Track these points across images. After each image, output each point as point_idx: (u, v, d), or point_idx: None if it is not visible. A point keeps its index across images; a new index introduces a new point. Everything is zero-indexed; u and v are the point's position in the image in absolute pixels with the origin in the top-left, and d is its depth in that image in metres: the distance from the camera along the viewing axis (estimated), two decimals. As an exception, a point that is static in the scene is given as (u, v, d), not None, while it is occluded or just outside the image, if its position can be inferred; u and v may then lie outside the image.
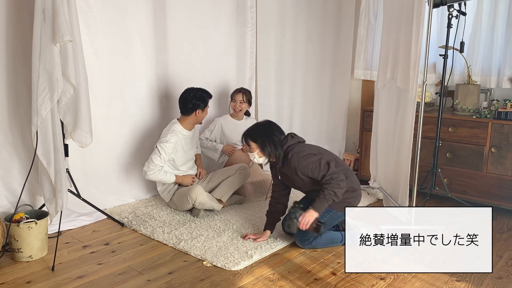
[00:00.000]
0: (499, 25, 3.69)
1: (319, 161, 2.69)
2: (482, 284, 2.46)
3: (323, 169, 2.67)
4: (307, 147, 2.83)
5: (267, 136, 2.78)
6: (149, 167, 3.23)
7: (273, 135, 2.79)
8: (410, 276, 2.52)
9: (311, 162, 2.70)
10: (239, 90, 3.90)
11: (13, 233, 2.63)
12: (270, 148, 2.77)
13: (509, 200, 3.41)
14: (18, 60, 2.89)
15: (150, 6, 3.52)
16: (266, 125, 2.87)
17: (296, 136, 2.88)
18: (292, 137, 2.84)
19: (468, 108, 3.59)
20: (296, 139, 2.84)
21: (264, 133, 2.80)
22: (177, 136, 3.32)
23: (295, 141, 2.82)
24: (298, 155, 2.72)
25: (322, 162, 2.68)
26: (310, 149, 2.80)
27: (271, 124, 2.89)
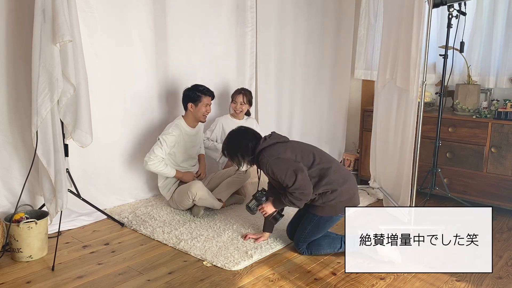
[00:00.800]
0: (498, 25, 3.69)
1: (286, 169, 2.61)
2: (482, 284, 2.46)
3: (288, 179, 2.60)
4: (281, 149, 2.71)
5: (232, 146, 2.78)
6: (150, 157, 3.26)
7: (238, 145, 2.75)
8: (410, 276, 2.52)
9: (279, 169, 2.63)
10: (240, 91, 3.90)
11: (13, 233, 2.63)
12: (237, 157, 2.77)
13: (509, 200, 3.41)
14: (18, 60, 2.89)
15: (150, 6, 3.52)
16: (234, 135, 2.83)
17: (273, 136, 2.80)
18: (265, 139, 2.76)
19: (468, 108, 3.59)
20: (270, 141, 2.75)
21: (229, 145, 2.80)
22: (180, 130, 3.35)
23: (268, 143, 2.74)
24: (268, 159, 2.67)
25: (288, 172, 2.60)
26: (284, 153, 2.69)
27: (239, 132, 2.83)
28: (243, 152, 2.74)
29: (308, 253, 2.77)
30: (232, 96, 3.93)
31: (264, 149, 2.71)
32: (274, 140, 2.77)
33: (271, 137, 2.79)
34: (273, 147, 2.73)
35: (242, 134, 2.81)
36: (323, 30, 4.47)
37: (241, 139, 2.78)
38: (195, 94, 3.39)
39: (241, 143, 2.76)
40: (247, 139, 2.77)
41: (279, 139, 2.79)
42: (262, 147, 2.73)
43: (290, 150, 2.72)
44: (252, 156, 2.75)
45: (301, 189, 2.59)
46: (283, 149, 2.71)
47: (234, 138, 2.81)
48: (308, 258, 2.73)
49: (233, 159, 2.81)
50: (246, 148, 2.74)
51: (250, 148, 2.74)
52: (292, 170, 2.61)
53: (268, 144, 2.74)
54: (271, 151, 2.70)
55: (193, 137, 3.46)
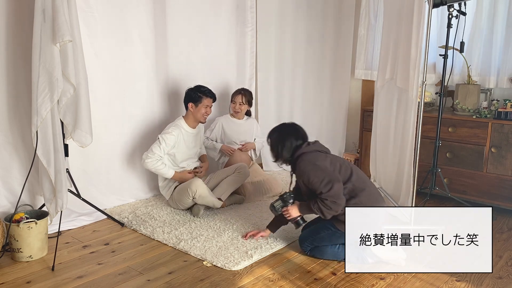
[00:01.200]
0: (499, 25, 3.69)
1: (323, 177, 2.57)
2: (482, 284, 2.46)
3: (323, 187, 2.55)
4: (321, 157, 2.68)
5: (278, 137, 2.77)
6: (148, 155, 3.27)
7: (286, 139, 2.74)
8: (410, 276, 2.52)
9: (315, 175, 2.58)
10: (239, 91, 3.90)
11: (13, 233, 2.63)
12: (277, 150, 2.75)
13: (509, 200, 3.41)
14: (18, 60, 2.89)
15: (150, 6, 3.52)
16: (284, 128, 2.82)
17: (317, 145, 2.77)
18: (308, 144, 2.74)
19: (468, 108, 3.59)
20: (313, 147, 2.73)
21: (276, 135, 2.78)
22: (180, 130, 3.35)
23: (311, 149, 2.71)
24: (307, 164, 2.64)
25: (325, 180, 2.56)
26: (323, 161, 2.66)
27: (290, 127, 2.82)
28: (286, 148, 2.73)
29: (310, 254, 2.76)
30: (232, 96, 3.93)
31: (304, 154, 2.69)
32: (316, 148, 2.75)
33: (315, 144, 2.77)
34: (314, 154, 2.71)
35: (293, 131, 2.79)
36: (323, 30, 4.47)
37: (289, 135, 2.75)
38: (197, 95, 3.40)
39: (288, 139, 2.74)
40: (295, 137, 2.75)
41: (320, 149, 2.77)
42: (303, 151, 2.70)
43: (329, 160, 2.70)
44: (290, 156, 2.74)
45: (335, 198, 2.54)
46: (323, 158, 2.69)
47: (284, 131, 2.79)
48: (308, 258, 2.73)
49: (272, 150, 2.80)
50: (290, 145, 2.73)
51: (293, 147, 2.73)
52: (329, 179, 2.57)
53: (309, 150, 2.71)
54: (311, 157, 2.68)
55: (193, 137, 3.47)
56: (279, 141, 2.75)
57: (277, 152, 2.77)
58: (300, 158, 2.69)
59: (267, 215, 3.36)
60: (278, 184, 3.89)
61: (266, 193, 3.76)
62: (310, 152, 2.71)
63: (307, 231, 2.80)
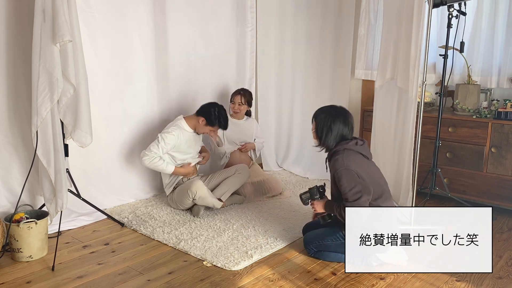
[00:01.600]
0: (499, 25, 3.69)
1: (354, 185, 2.48)
2: (482, 284, 2.46)
3: (351, 195, 2.48)
4: (363, 165, 2.55)
5: (327, 119, 2.58)
6: (145, 153, 3.27)
7: (334, 124, 2.56)
8: (410, 276, 2.52)
9: (347, 180, 2.48)
10: (238, 92, 3.90)
11: (13, 233, 2.63)
12: (322, 132, 2.59)
13: (509, 200, 3.41)
14: (18, 60, 2.89)
15: (150, 6, 3.52)
16: (334, 111, 2.61)
17: (364, 147, 2.61)
18: (356, 143, 2.58)
19: (468, 108, 3.59)
20: (358, 149, 2.57)
21: (325, 117, 2.59)
22: (180, 130, 3.35)
23: (355, 149, 2.56)
24: (342, 164, 2.50)
25: (355, 189, 2.47)
26: (363, 170, 2.52)
27: (341, 113, 2.62)
28: (333, 135, 2.57)
29: (313, 256, 2.74)
30: (231, 96, 3.93)
31: (346, 150, 2.55)
32: (361, 150, 2.59)
33: (362, 146, 2.61)
34: (357, 156, 2.56)
35: (345, 118, 2.60)
36: (323, 30, 4.46)
37: (341, 121, 2.58)
38: (216, 121, 3.35)
39: (337, 125, 2.57)
40: (344, 125, 2.59)
41: (365, 153, 2.61)
42: (348, 147, 2.55)
43: (370, 171, 2.58)
44: (333, 145, 2.59)
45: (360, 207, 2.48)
46: (365, 167, 2.55)
47: (332, 114, 2.60)
48: (308, 258, 2.73)
49: (316, 130, 2.63)
50: (337, 132, 2.58)
51: (339, 136, 2.58)
52: (359, 189, 2.47)
53: (354, 149, 2.56)
54: (353, 158, 2.53)
55: (193, 137, 3.46)
56: (326, 125, 2.58)
57: (322, 134, 2.60)
58: (340, 153, 2.54)
59: (267, 215, 3.37)
60: (278, 184, 3.89)
61: (266, 193, 3.76)
62: (353, 152, 2.56)
63: (314, 234, 2.76)
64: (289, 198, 3.77)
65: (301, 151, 4.71)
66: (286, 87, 4.67)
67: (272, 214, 3.39)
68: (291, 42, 4.54)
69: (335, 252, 2.67)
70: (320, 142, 2.64)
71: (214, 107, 3.36)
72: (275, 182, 3.87)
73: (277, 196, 3.80)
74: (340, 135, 2.59)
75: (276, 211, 3.47)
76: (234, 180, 3.52)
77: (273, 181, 3.87)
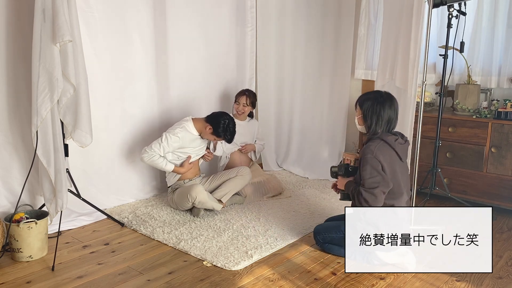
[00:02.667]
0: (499, 25, 3.69)
1: (375, 175, 2.51)
2: (482, 284, 2.46)
3: (369, 183, 2.51)
4: (388, 158, 2.54)
5: (376, 107, 2.58)
6: (146, 150, 3.27)
7: (383, 110, 2.56)
8: (410, 276, 2.52)
9: (370, 168, 2.52)
10: (243, 92, 3.88)
11: (13, 233, 2.63)
12: (372, 120, 2.59)
13: (509, 200, 3.41)
14: (18, 60, 2.89)
15: (150, 6, 3.52)
16: (381, 97, 2.60)
17: (402, 146, 2.60)
18: (395, 140, 2.57)
19: (468, 108, 3.59)
20: (395, 146, 2.56)
21: (372, 104, 2.59)
22: (185, 133, 3.33)
23: (392, 145, 2.55)
24: (371, 152, 2.52)
25: (373, 179, 2.51)
26: (386, 163, 2.53)
27: (387, 98, 2.61)
28: (382, 120, 2.57)
29: (320, 247, 2.82)
30: (236, 96, 3.92)
31: (383, 142, 2.55)
32: (397, 149, 2.57)
33: (402, 145, 2.60)
34: (390, 152, 2.56)
35: (391, 104, 2.59)
36: (323, 30, 4.47)
37: (388, 107, 2.58)
38: (222, 134, 3.33)
39: (386, 111, 2.57)
40: (391, 111, 2.58)
41: (400, 153, 2.59)
42: (386, 139, 2.55)
43: (397, 170, 2.57)
44: (373, 132, 2.60)
45: (371, 199, 2.51)
46: (393, 164, 2.55)
47: (383, 101, 2.59)
48: (308, 258, 2.73)
49: (364, 117, 2.62)
50: (386, 119, 2.57)
51: (386, 122, 2.58)
52: (379, 180, 2.50)
53: (391, 144, 2.56)
54: (385, 151, 2.54)
55: (200, 139, 3.44)
56: (375, 112, 2.58)
57: (370, 125, 2.60)
58: (376, 142, 2.55)
59: (267, 215, 3.37)
60: (278, 184, 3.89)
61: (266, 193, 3.76)
62: (388, 147, 2.55)
63: (322, 226, 2.84)
64: (289, 198, 3.77)
65: (301, 151, 4.71)
66: (286, 87, 4.67)
67: (272, 214, 3.39)
68: (291, 42, 4.54)
69: (339, 245, 2.71)
70: (370, 129, 2.62)
71: (224, 119, 3.33)
72: (275, 182, 3.87)
73: (277, 196, 3.80)
74: (388, 120, 2.59)
75: (276, 211, 3.47)
76: (235, 182, 3.52)
77: (273, 181, 3.87)
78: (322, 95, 4.61)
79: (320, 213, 3.42)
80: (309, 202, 3.68)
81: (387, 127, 2.61)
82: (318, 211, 3.48)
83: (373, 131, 2.62)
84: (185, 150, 3.38)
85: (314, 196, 3.85)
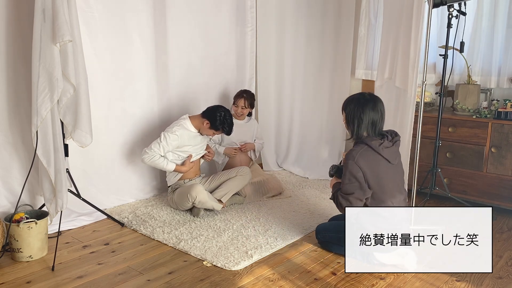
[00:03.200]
0: (499, 25, 3.69)
1: (351, 182, 2.51)
2: (482, 284, 2.46)
3: (344, 188, 2.53)
4: (371, 164, 2.49)
5: (357, 110, 2.52)
6: (146, 151, 3.28)
7: (363, 113, 2.50)
8: (410, 276, 2.52)
9: (348, 173, 2.51)
10: (242, 95, 3.87)
11: (13, 233, 2.63)
12: (354, 124, 2.53)
13: (509, 200, 3.41)
14: (18, 60, 2.89)
15: (150, 6, 3.52)
16: (363, 99, 2.55)
17: (388, 149, 2.52)
18: (380, 145, 2.49)
19: (468, 108, 3.59)
20: (380, 151, 2.49)
21: (355, 107, 2.53)
22: (183, 131, 3.34)
23: (377, 150, 2.48)
24: (353, 157, 2.48)
25: (350, 185, 2.51)
26: (369, 169, 2.48)
27: (370, 100, 2.54)
28: (363, 123, 2.51)
29: (319, 244, 2.86)
30: (234, 98, 3.91)
31: (367, 148, 2.50)
32: (384, 153, 2.50)
33: (388, 148, 2.52)
34: (375, 157, 2.50)
35: (374, 105, 2.52)
36: (323, 30, 4.47)
37: (370, 108, 2.51)
38: (220, 126, 3.33)
39: (367, 113, 2.50)
40: (375, 112, 2.51)
41: (388, 157, 2.52)
42: (370, 144, 2.48)
43: (383, 175, 2.52)
44: (366, 135, 2.54)
45: (344, 204, 2.53)
46: (377, 169, 2.50)
47: (364, 103, 2.52)
48: (308, 258, 2.73)
49: (347, 121, 2.58)
50: (368, 121, 2.51)
51: (370, 124, 2.51)
52: (354, 187, 2.50)
53: (376, 150, 2.49)
54: (367, 157, 2.49)
55: (199, 136, 3.45)
56: (356, 115, 2.52)
57: (353, 129, 2.55)
58: (360, 147, 2.50)
59: (267, 215, 3.37)
60: (278, 184, 3.89)
61: (266, 193, 3.76)
62: (372, 152, 2.50)
63: (323, 226, 2.87)
64: (289, 198, 3.77)
65: (301, 151, 4.71)
66: (286, 87, 4.67)
67: (272, 214, 3.39)
68: (291, 42, 4.54)
69: (339, 245, 2.72)
70: (353, 133, 2.57)
71: (220, 112, 3.33)
72: (275, 182, 3.87)
73: (277, 196, 3.80)
74: (371, 122, 2.52)
75: (276, 211, 3.47)
76: (235, 182, 3.52)
77: (273, 181, 3.87)
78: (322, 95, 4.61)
79: (320, 213, 3.42)
80: (309, 202, 3.68)
81: (372, 129, 2.55)
82: (318, 211, 3.48)
83: (357, 134, 2.56)
84: (185, 149, 3.38)
85: (314, 196, 3.85)
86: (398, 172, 2.67)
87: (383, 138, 2.57)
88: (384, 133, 2.62)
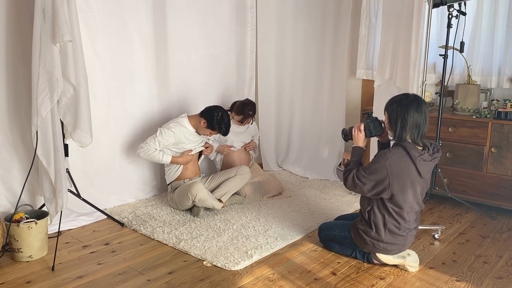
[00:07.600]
0: (499, 25, 3.69)
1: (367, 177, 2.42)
2: (482, 284, 2.46)
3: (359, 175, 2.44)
4: (403, 171, 2.38)
5: (400, 111, 2.40)
6: (141, 145, 3.30)
7: (407, 113, 2.38)
8: (410, 276, 2.52)
9: (370, 169, 2.42)
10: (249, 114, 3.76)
11: (13, 233, 2.63)
12: (397, 125, 2.42)
13: (509, 200, 3.41)
14: (18, 60, 2.89)
15: (150, 6, 3.52)
16: (406, 99, 2.42)
17: (424, 163, 2.41)
18: (424, 150, 2.43)
19: (468, 108, 3.59)
20: (416, 162, 2.38)
21: (399, 107, 2.42)
22: (180, 128, 3.35)
23: (415, 161, 2.37)
24: (386, 158, 2.39)
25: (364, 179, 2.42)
26: (397, 175, 2.37)
27: (414, 100, 2.42)
28: (407, 124, 2.39)
29: (321, 242, 2.87)
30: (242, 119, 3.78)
31: (406, 155, 2.38)
32: (419, 165, 2.39)
33: (425, 162, 2.42)
34: (409, 166, 2.39)
35: (418, 106, 2.40)
36: (322, 30, 4.47)
37: (414, 109, 2.39)
38: (217, 126, 3.32)
39: (411, 115, 2.39)
40: (419, 114, 2.40)
41: (421, 170, 2.41)
42: (410, 149, 2.38)
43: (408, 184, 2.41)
44: (399, 138, 2.43)
45: (346, 182, 2.49)
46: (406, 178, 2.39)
47: (408, 103, 2.40)
48: (308, 258, 2.73)
49: (390, 122, 2.46)
50: (412, 123, 2.39)
51: (414, 126, 2.40)
52: (365, 183, 2.42)
53: (412, 155, 2.38)
54: (403, 164, 2.38)
55: (196, 135, 3.45)
56: (399, 116, 2.40)
57: (395, 130, 2.43)
58: (399, 151, 2.39)
59: (267, 215, 3.37)
60: (278, 184, 3.89)
61: (266, 193, 3.76)
62: (409, 161, 2.38)
63: (326, 224, 2.87)
64: (289, 198, 3.77)
65: (301, 151, 4.72)
66: (286, 87, 4.67)
67: (272, 214, 3.39)
68: (291, 42, 4.54)
69: (340, 243, 2.74)
70: (395, 135, 2.45)
71: (217, 112, 3.32)
72: (275, 182, 3.87)
73: (277, 196, 3.80)
74: (415, 124, 2.40)
75: (276, 211, 3.47)
76: (235, 181, 3.52)
77: (273, 181, 3.87)
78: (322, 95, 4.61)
79: (320, 213, 3.42)
80: (309, 202, 3.68)
81: (416, 132, 2.43)
82: (318, 211, 3.48)
83: (399, 137, 2.44)
84: (183, 146, 3.38)
85: (314, 196, 3.85)
86: (424, 186, 2.54)
87: (424, 150, 2.45)
88: (427, 143, 2.51)
